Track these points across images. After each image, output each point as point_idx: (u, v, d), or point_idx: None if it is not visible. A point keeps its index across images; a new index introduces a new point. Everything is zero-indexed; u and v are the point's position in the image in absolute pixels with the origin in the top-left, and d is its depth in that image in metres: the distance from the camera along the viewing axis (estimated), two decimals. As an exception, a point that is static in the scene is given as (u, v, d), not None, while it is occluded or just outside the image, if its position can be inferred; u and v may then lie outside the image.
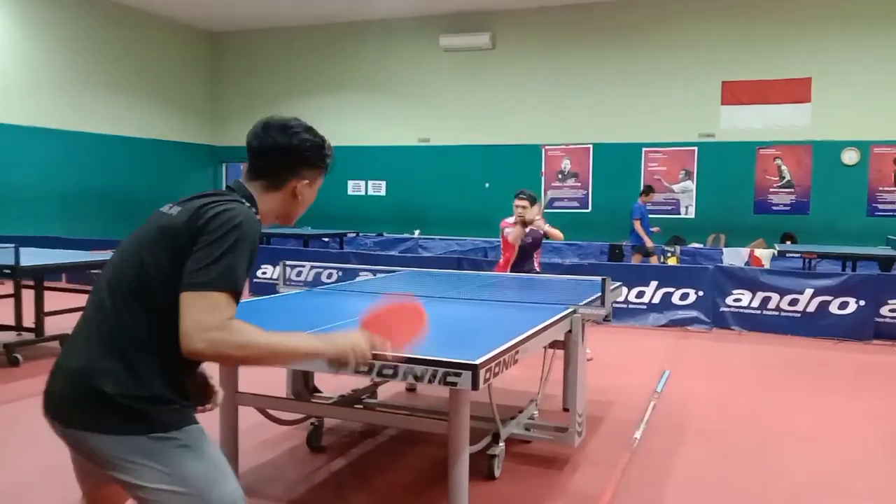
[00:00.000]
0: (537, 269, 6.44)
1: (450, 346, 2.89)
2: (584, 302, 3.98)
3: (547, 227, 6.34)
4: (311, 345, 1.86)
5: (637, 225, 10.91)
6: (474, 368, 2.52)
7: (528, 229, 6.18)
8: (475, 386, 2.52)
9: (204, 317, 1.65)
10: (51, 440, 4.02)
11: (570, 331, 3.82)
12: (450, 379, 2.55)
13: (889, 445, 4.34)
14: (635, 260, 11.03)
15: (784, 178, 13.32)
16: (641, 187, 12.02)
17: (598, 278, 3.98)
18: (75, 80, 13.76)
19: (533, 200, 6.22)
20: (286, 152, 1.96)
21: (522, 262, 6.29)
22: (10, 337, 6.60)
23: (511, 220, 6.28)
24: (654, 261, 10.96)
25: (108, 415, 1.69)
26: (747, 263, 11.23)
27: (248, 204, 1.88)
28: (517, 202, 6.17)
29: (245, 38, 16.90)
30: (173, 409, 1.76)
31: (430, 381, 2.58)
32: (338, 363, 1.89)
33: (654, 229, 11.27)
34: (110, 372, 1.70)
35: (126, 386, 1.70)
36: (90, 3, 13.95)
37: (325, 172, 2.06)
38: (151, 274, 1.74)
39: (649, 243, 10.92)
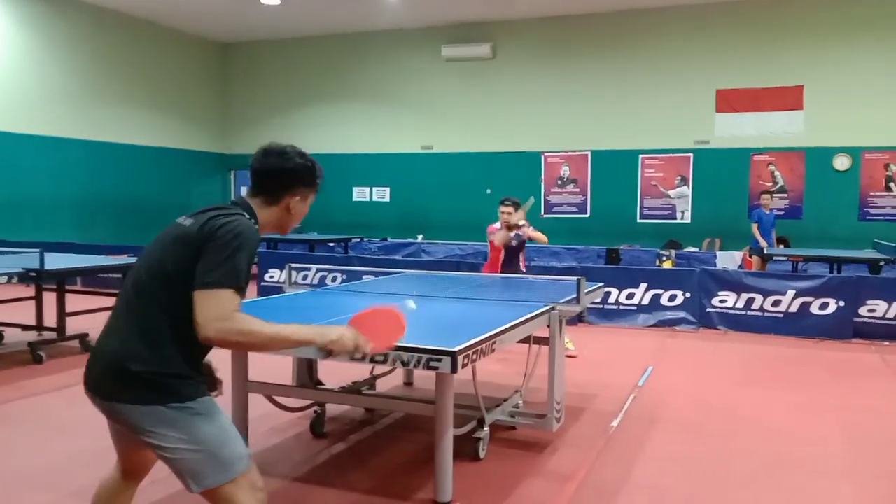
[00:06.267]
0: (523, 270, 6.85)
1: (435, 336, 3.28)
2: (563, 300, 4.36)
3: (531, 232, 6.77)
4: (305, 334, 2.18)
5: (753, 228, 11.21)
6: (453, 355, 2.92)
7: (513, 233, 6.61)
8: (454, 369, 2.92)
9: (213, 310, 2.01)
10: (78, 429, 4.46)
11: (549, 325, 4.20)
12: (432, 364, 2.95)
13: (848, 433, 4.70)
14: (753, 264, 10.82)
15: (777, 183, 13.66)
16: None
17: (575, 279, 4.35)
18: (90, 92, 14.24)
19: (517, 206, 6.68)
20: (282, 174, 2.36)
21: (508, 263, 6.74)
22: (32, 336, 7.01)
23: (497, 225, 6.72)
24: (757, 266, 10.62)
25: (136, 388, 2.10)
26: (741, 267, 11.57)
27: (247, 216, 2.28)
28: (502, 209, 6.67)
29: (253, 49, 17.37)
30: (189, 383, 2.16)
31: (415, 366, 2.98)
32: (326, 351, 2.25)
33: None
34: (139, 354, 2.10)
35: (151, 364, 2.10)
36: (105, 17, 14.43)
37: (315, 191, 2.47)
38: (171, 275, 2.14)
39: (763, 243, 10.93)
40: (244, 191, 2.44)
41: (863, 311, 7.87)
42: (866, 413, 5.18)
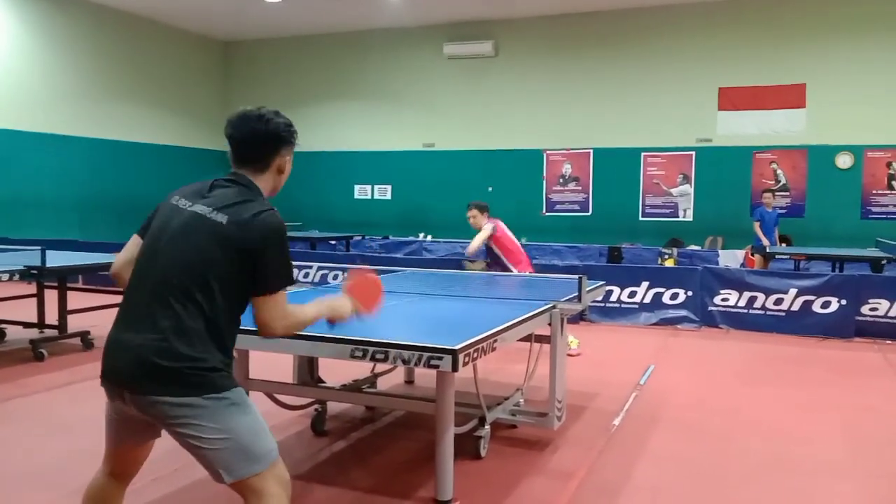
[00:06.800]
0: (516, 270, 6.84)
1: (436, 334, 3.28)
2: (565, 299, 4.35)
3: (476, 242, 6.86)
4: (321, 311, 2.45)
5: (756, 227, 11.39)
6: (454, 353, 2.91)
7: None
8: (455, 368, 2.91)
9: (277, 311, 2.22)
10: (80, 427, 4.46)
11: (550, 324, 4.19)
12: (433, 362, 2.94)
13: (846, 432, 4.70)
14: (755, 263, 10.90)
15: (780, 181, 13.65)
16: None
17: (576, 277, 4.35)
18: (92, 89, 14.25)
19: (480, 209, 6.91)
20: (266, 137, 2.36)
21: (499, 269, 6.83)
22: (34, 334, 7.00)
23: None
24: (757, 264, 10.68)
25: (175, 382, 2.09)
26: (742, 265, 11.57)
27: (262, 197, 2.31)
28: (468, 213, 6.93)
29: (255, 47, 17.37)
30: (224, 374, 2.18)
31: (416, 364, 2.98)
32: (334, 320, 2.54)
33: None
34: (175, 349, 2.10)
35: (187, 360, 2.10)
36: (107, 15, 14.44)
37: (294, 146, 2.46)
38: (211, 274, 2.15)
39: (765, 241, 11.03)
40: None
41: (865, 309, 7.86)
42: (867, 412, 5.17)
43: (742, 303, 8.27)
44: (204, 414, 2.11)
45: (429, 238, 14.79)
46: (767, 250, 10.40)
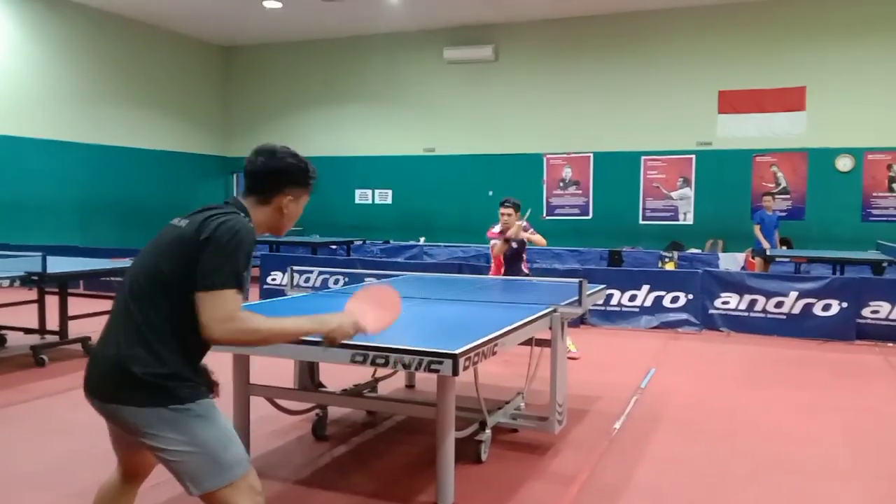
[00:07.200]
0: (525, 272, 6.86)
1: (436, 338, 3.28)
2: (565, 302, 4.35)
3: (529, 235, 6.75)
4: (306, 325, 2.27)
5: (756, 230, 11.46)
6: (454, 357, 2.91)
7: (513, 243, 6.64)
8: (455, 372, 2.91)
9: (218, 311, 2.07)
10: (79, 431, 4.46)
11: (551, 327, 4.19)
12: (433, 366, 2.94)
13: (847, 433, 4.70)
14: (756, 266, 10.91)
15: (780, 184, 13.64)
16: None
17: (577, 280, 4.35)
18: (93, 94, 14.27)
19: (517, 208, 6.68)
20: (273, 173, 2.36)
21: (510, 266, 6.75)
22: (35, 340, 7.01)
23: (496, 228, 6.73)
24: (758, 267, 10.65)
25: (137, 391, 2.10)
26: (743, 268, 11.56)
27: (242, 214, 2.27)
28: (502, 210, 6.67)
29: (255, 52, 17.39)
30: (189, 385, 2.16)
31: (416, 369, 2.98)
32: (327, 340, 2.31)
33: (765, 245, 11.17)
34: (138, 357, 2.10)
35: (151, 367, 2.10)
36: (108, 20, 14.47)
37: (309, 191, 2.45)
38: (169, 278, 2.14)
39: (765, 245, 11.06)
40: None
41: (866, 312, 7.86)
42: (867, 414, 5.16)
43: (743, 306, 8.27)
44: (167, 425, 2.10)
45: (423, 241, 14.77)
46: (768, 253, 10.40)
